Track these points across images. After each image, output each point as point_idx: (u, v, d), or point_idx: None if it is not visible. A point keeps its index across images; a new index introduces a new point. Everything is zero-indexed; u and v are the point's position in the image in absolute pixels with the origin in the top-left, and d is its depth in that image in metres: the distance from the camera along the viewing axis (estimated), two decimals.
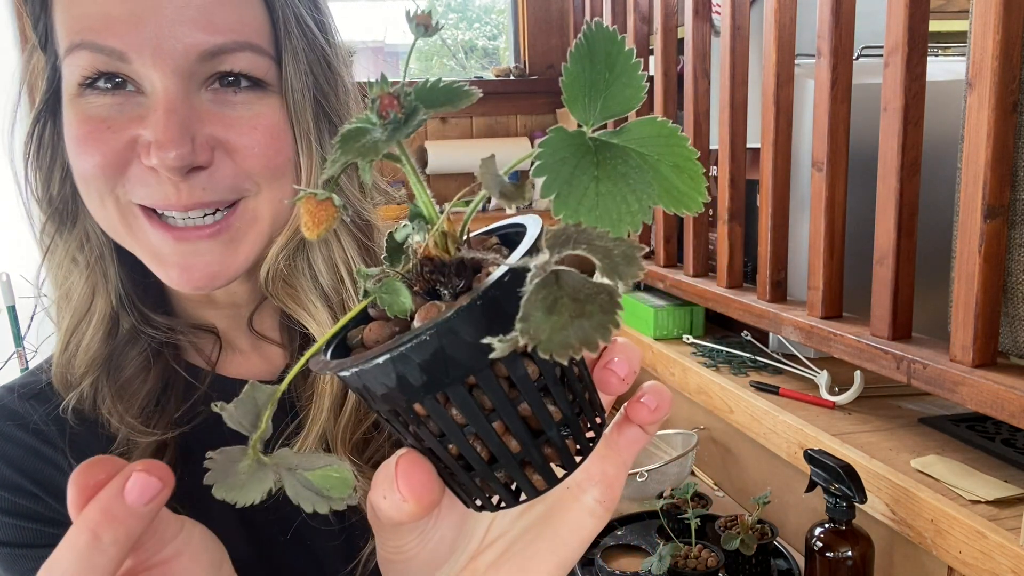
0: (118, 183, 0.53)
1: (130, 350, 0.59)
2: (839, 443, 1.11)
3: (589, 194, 0.29)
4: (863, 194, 1.14)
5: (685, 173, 0.30)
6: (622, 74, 0.32)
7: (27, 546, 0.57)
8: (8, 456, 0.58)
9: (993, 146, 0.88)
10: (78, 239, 0.59)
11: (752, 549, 1.11)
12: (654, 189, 0.30)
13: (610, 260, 0.27)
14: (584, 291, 0.26)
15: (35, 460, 0.58)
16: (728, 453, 1.49)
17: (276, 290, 0.58)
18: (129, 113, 0.52)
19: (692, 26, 1.53)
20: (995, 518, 0.89)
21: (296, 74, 0.55)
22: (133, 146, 0.52)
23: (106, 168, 0.52)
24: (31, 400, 0.60)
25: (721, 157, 1.44)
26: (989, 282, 0.91)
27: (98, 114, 0.52)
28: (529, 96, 2.45)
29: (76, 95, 0.52)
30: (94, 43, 0.50)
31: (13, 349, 2.03)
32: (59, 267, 0.60)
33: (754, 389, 1.36)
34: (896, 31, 1.01)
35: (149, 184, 0.52)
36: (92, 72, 0.51)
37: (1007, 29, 0.86)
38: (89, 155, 0.52)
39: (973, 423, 1.13)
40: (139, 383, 0.58)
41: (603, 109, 0.32)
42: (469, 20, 2.88)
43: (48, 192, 0.58)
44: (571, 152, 0.30)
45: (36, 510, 0.58)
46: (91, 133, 0.52)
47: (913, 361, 0.99)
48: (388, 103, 0.30)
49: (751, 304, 1.35)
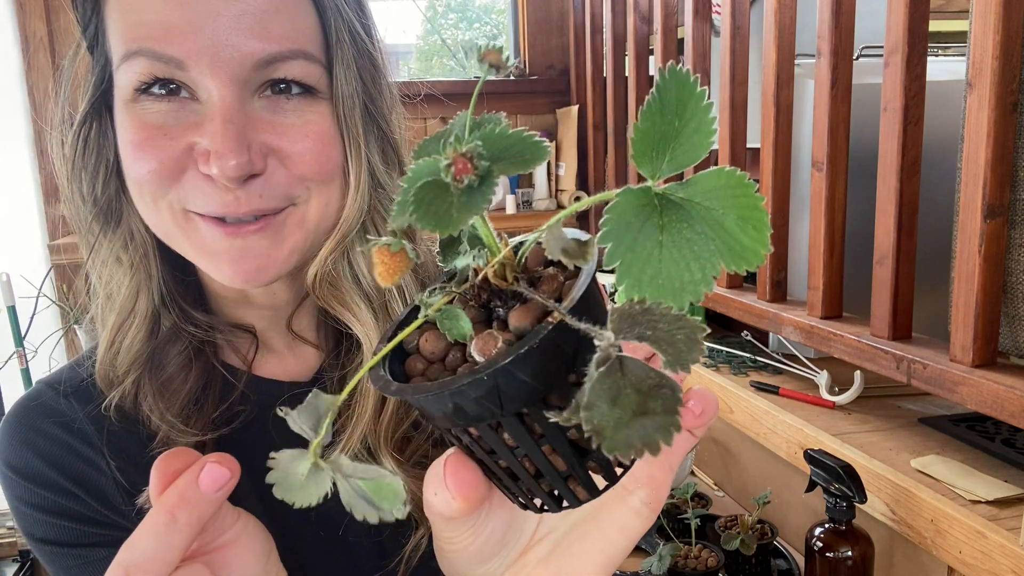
0: (172, 189, 0.54)
1: (171, 348, 0.60)
2: (839, 443, 1.11)
3: (652, 262, 0.29)
4: (863, 194, 1.14)
5: (750, 224, 0.29)
6: (692, 119, 0.31)
7: (65, 544, 0.59)
8: (48, 455, 0.59)
9: (993, 146, 0.88)
10: (122, 238, 0.59)
11: (752, 549, 1.11)
12: (717, 252, 0.29)
13: (674, 348, 0.27)
14: (647, 383, 0.27)
15: (74, 459, 0.59)
16: (728, 453, 1.49)
17: (323, 292, 0.59)
18: (185, 121, 0.53)
19: (692, 26, 1.53)
20: (995, 518, 0.88)
21: (346, 81, 0.56)
22: (189, 153, 0.53)
23: (162, 174, 0.53)
24: (71, 398, 0.61)
25: (721, 157, 1.44)
26: (989, 282, 0.91)
27: (154, 121, 0.53)
28: (529, 96, 2.45)
29: (131, 100, 0.53)
30: (152, 51, 0.51)
31: (13, 349, 2.03)
32: (104, 265, 0.60)
33: (754, 389, 1.36)
34: (896, 31, 1.01)
35: (206, 192, 0.53)
36: (149, 78, 0.52)
37: (1007, 29, 0.85)
38: (146, 161, 0.53)
39: (973, 423, 1.13)
40: (180, 382, 0.60)
41: (671, 161, 0.31)
42: (469, 20, 2.88)
43: (93, 192, 0.58)
44: (636, 215, 0.30)
45: (75, 509, 0.59)
46: (147, 139, 0.52)
47: (913, 361, 0.99)
48: (462, 168, 0.30)
49: (751, 304, 1.35)
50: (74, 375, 0.63)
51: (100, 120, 0.57)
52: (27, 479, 0.59)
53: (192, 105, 0.53)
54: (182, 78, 0.52)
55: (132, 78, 0.52)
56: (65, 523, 0.59)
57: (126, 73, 0.52)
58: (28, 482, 0.59)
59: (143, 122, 0.53)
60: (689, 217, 0.30)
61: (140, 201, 0.55)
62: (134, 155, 0.53)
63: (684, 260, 0.29)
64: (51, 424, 0.60)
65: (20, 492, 0.60)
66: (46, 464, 0.59)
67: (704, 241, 0.29)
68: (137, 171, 0.53)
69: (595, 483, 0.34)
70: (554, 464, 0.33)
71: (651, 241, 0.29)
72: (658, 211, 0.30)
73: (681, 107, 0.31)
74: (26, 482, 0.59)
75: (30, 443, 0.60)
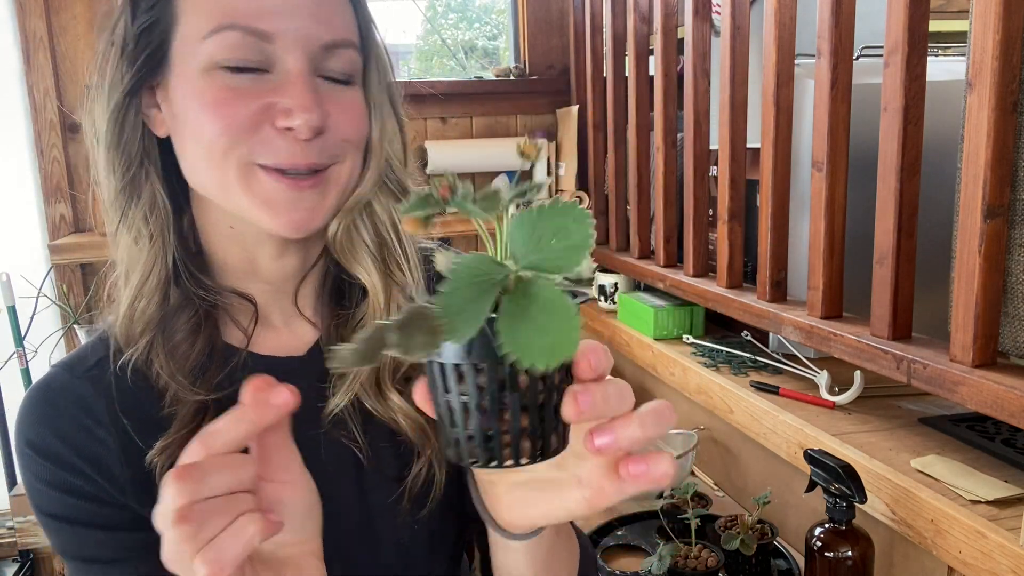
0: (245, 143, 0.60)
1: (181, 315, 0.66)
2: (839, 443, 1.11)
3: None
4: (863, 194, 1.14)
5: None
6: (571, 238, 0.38)
7: (68, 520, 0.64)
8: (64, 433, 0.64)
9: (993, 146, 0.88)
10: (143, 210, 0.65)
11: (752, 549, 1.11)
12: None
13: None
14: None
15: (87, 438, 0.64)
16: (728, 453, 1.49)
17: (340, 247, 0.68)
18: (261, 86, 0.60)
19: (692, 26, 1.53)
20: (995, 518, 0.89)
21: (375, 71, 0.68)
22: (266, 111, 0.60)
23: (239, 130, 0.60)
24: (86, 378, 0.66)
25: (721, 157, 1.44)
26: (989, 282, 0.91)
27: (234, 84, 0.60)
28: (529, 96, 2.45)
29: (212, 68, 0.60)
30: (247, 26, 0.59)
31: (13, 349, 2.03)
32: (127, 233, 0.65)
33: (754, 389, 1.36)
34: (896, 31, 1.01)
35: (277, 146, 0.61)
36: (238, 52, 0.59)
37: (1007, 29, 0.85)
38: (223, 118, 0.59)
39: (973, 423, 1.13)
40: (187, 346, 0.65)
41: (539, 264, 0.38)
42: (469, 20, 2.88)
43: (125, 160, 0.64)
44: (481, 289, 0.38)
45: (83, 487, 0.64)
46: (227, 99, 0.59)
47: (913, 361, 0.99)
48: (444, 192, 0.42)
49: (751, 304, 1.35)
50: (84, 354, 0.68)
51: (140, 92, 0.63)
52: (43, 456, 0.64)
53: (267, 76, 0.61)
54: (267, 51, 0.60)
55: (221, 50, 0.59)
56: (70, 499, 0.63)
57: (215, 44, 0.59)
58: (43, 459, 0.64)
59: (224, 85, 0.60)
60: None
61: (208, 158, 0.61)
62: (215, 112, 0.59)
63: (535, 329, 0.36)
64: (68, 404, 0.65)
65: (36, 468, 0.64)
66: (61, 442, 0.64)
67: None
68: (213, 128, 0.59)
69: (520, 452, 0.41)
70: (503, 420, 0.40)
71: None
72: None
73: (564, 231, 0.38)
74: (41, 459, 0.64)
75: (48, 422, 0.65)
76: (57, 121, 2.13)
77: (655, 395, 1.79)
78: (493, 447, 0.41)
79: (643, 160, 1.86)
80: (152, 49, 0.61)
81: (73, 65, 2.14)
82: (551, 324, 0.35)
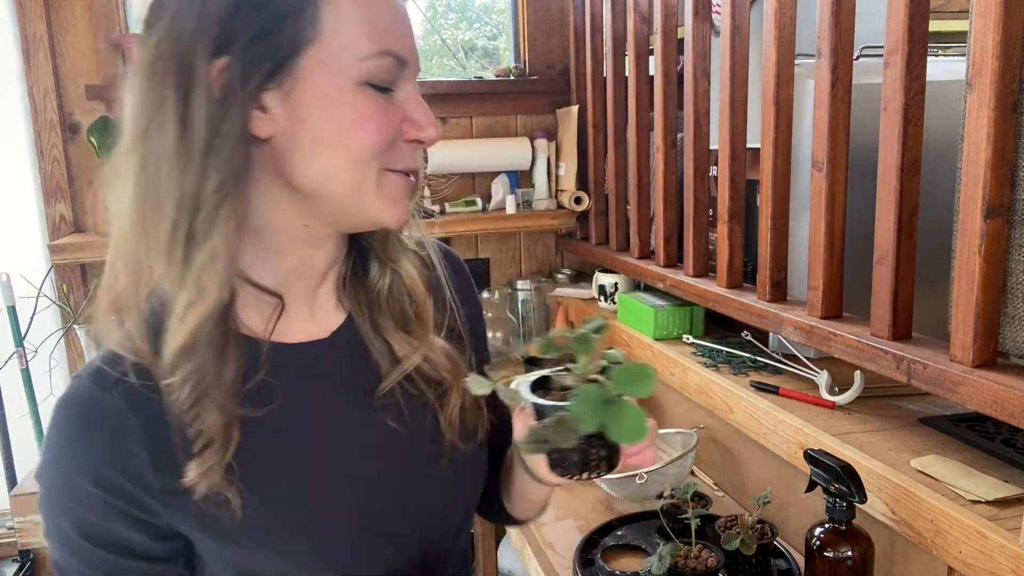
0: (385, 153, 0.67)
1: (218, 327, 0.65)
2: (839, 443, 1.11)
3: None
4: (863, 194, 1.14)
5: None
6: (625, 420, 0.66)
7: (100, 543, 0.66)
8: (105, 453, 0.65)
9: (993, 146, 0.88)
10: (226, 224, 0.63)
11: (752, 549, 1.11)
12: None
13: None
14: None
15: (125, 455, 0.65)
16: (728, 453, 1.49)
17: (388, 239, 0.77)
18: (393, 104, 0.68)
19: (692, 26, 1.53)
20: (995, 518, 0.89)
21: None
22: (400, 126, 0.68)
23: (387, 141, 0.67)
24: (113, 391, 0.66)
25: (721, 157, 1.44)
26: (989, 282, 0.91)
27: (378, 101, 0.66)
28: (529, 96, 2.45)
29: (363, 84, 0.65)
30: (397, 53, 0.66)
31: (13, 349, 2.03)
32: (204, 246, 0.63)
33: (754, 389, 1.36)
34: (896, 31, 1.01)
35: (407, 154, 0.69)
36: (386, 75, 0.66)
37: (1007, 29, 0.86)
38: (377, 131, 0.66)
39: (973, 423, 1.13)
40: (219, 364, 0.65)
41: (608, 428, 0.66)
42: (469, 20, 2.88)
43: (230, 160, 0.62)
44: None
45: (123, 507, 0.66)
46: (378, 114, 0.66)
47: (913, 361, 0.99)
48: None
49: (751, 304, 1.35)
50: (110, 368, 0.66)
51: (261, 77, 0.63)
52: (86, 478, 0.65)
53: (392, 94, 0.68)
54: (400, 74, 0.68)
55: (377, 70, 0.65)
56: (107, 523, 0.66)
57: (373, 65, 0.65)
58: (84, 479, 0.65)
59: (374, 101, 0.66)
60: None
61: (353, 164, 0.66)
62: (370, 125, 0.66)
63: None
64: (103, 420, 0.65)
65: (71, 487, 0.65)
66: (103, 462, 0.65)
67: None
68: (369, 138, 0.66)
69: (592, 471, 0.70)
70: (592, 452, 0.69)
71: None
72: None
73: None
74: (79, 478, 0.65)
75: (81, 435, 0.65)
76: (57, 121, 2.13)
77: (655, 395, 1.79)
78: (586, 467, 0.69)
79: (643, 160, 1.86)
80: (278, 56, 0.62)
81: (73, 65, 2.14)
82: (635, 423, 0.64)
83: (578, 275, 2.48)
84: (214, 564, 0.70)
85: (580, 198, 2.25)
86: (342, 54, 0.64)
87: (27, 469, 1.80)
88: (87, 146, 2.13)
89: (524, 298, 2.40)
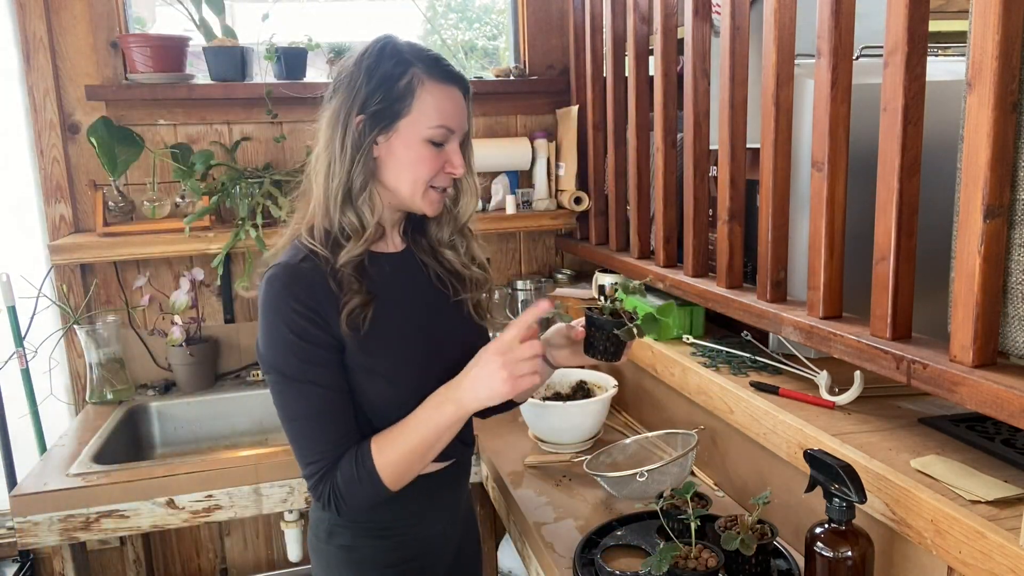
0: (434, 178, 1.16)
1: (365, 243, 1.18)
2: (839, 443, 1.11)
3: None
4: (863, 194, 1.14)
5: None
6: None
7: (304, 358, 1.10)
8: (314, 294, 1.10)
9: (993, 146, 0.88)
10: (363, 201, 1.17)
11: (752, 549, 1.11)
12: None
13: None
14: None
15: (325, 300, 1.11)
16: (728, 453, 1.49)
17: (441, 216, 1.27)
18: (440, 153, 1.15)
19: (692, 26, 1.53)
20: (995, 518, 0.89)
21: (469, 146, 1.23)
22: (443, 164, 1.16)
23: (433, 174, 1.15)
24: (306, 266, 1.13)
25: (721, 157, 1.44)
26: (989, 282, 0.91)
27: (434, 151, 1.14)
28: (529, 96, 2.45)
29: (426, 140, 1.13)
30: (449, 126, 1.14)
31: (13, 349, 2.03)
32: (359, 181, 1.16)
33: (754, 389, 1.36)
34: (896, 31, 1.01)
35: (442, 179, 1.17)
36: (441, 138, 1.14)
37: (1007, 29, 0.86)
38: (430, 169, 1.14)
39: (973, 423, 1.13)
40: (358, 253, 1.16)
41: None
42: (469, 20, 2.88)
43: (359, 169, 1.13)
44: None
45: (316, 334, 1.10)
46: (432, 160, 1.14)
47: (913, 361, 0.99)
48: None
49: (751, 304, 1.35)
50: (296, 257, 1.13)
51: (379, 129, 1.12)
52: (302, 304, 1.09)
53: (441, 147, 1.15)
54: (448, 137, 1.15)
55: (436, 135, 1.13)
56: (311, 336, 1.10)
57: (435, 132, 1.13)
58: (301, 306, 1.09)
59: (431, 152, 1.14)
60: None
61: (414, 182, 1.15)
62: (427, 166, 1.14)
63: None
64: (308, 277, 1.11)
65: (291, 315, 1.09)
66: (312, 300, 1.10)
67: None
68: (424, 172, 1.14)
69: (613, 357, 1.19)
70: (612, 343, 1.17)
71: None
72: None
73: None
74: (301, 307, 1.09)
75: (303, 284, 1.10)
76: (57, 121, 2.13)
77: (655, 395, 1.79)
78: (611, 353, 1.17)
79: (643, 160, 1.86)
80: (388, 119, 1.12)
81: (73, 65, 2.14)
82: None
83: (578, 275, 2.48)
84: (354, 358, 1.13)
85: (580, 198, 2.25)
86: (419, 124, 1.12)
87: (27, 469, 1.79)
88: (87, 146, 2.12)
89: (524, 298, 2.40)
